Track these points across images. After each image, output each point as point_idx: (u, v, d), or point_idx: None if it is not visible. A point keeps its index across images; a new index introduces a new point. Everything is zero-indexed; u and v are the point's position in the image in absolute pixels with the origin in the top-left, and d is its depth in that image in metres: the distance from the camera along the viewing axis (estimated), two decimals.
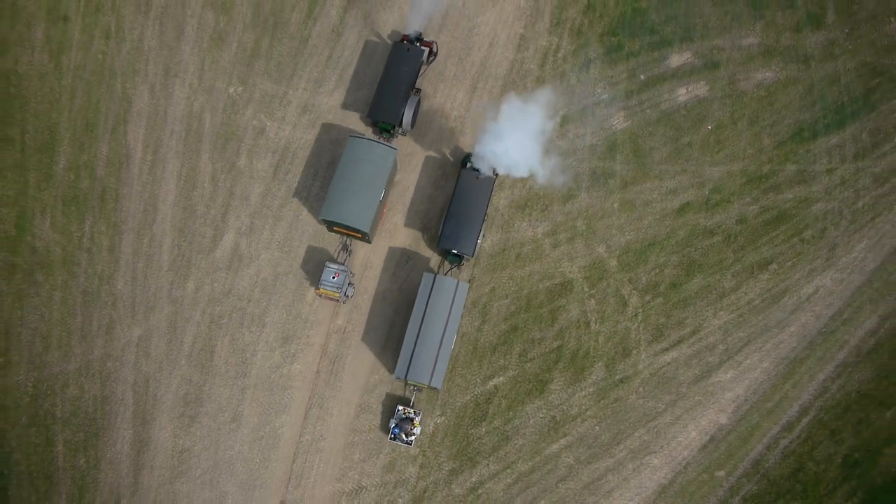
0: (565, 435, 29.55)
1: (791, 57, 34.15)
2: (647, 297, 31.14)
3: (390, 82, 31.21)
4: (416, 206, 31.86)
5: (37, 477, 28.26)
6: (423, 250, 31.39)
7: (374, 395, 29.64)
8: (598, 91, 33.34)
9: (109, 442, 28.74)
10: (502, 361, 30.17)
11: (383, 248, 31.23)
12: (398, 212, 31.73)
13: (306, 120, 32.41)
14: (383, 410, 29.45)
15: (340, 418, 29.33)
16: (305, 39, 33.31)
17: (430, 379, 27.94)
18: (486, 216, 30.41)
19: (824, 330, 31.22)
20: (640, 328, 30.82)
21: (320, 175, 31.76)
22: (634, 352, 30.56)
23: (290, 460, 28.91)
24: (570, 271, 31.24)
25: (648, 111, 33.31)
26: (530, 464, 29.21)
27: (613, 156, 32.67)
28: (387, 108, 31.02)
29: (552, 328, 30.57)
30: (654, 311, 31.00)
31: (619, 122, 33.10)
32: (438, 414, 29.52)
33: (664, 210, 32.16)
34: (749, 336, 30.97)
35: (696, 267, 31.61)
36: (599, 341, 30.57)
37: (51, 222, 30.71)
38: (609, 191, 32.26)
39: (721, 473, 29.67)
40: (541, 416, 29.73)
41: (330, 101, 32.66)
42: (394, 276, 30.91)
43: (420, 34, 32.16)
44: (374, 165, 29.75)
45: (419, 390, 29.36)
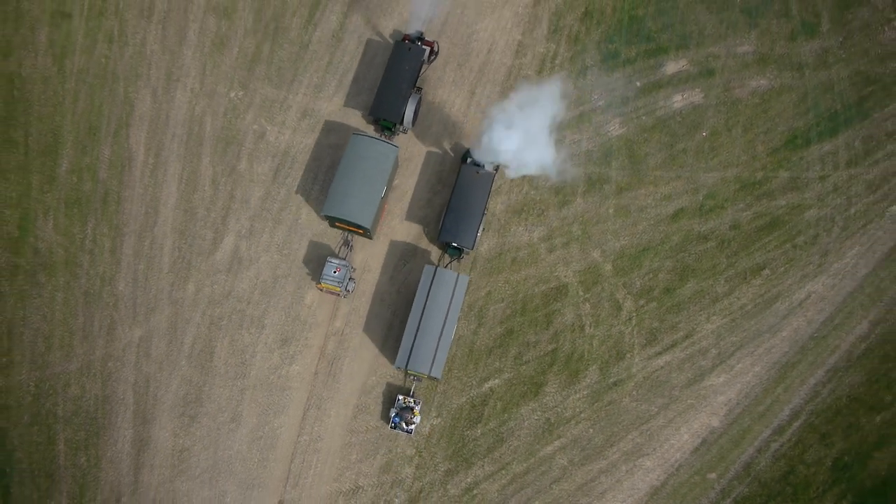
0: (559, 437, 29.97)
1: (785, 65, 34.56)
2: (641, 302, 31.55)
3: (392, 81, 31.63)
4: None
5: (39, 475, 28.68)
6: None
7: (371, 396, 30.06)
8: (595, 97, 33.76)
9: (110, 441, 29.16)
10: (498, 364, 30.59)
11: (381, 252, 31.64)
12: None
13: (306, 124, 32.81)
14: (381, 412, 29.88)
15: (338, 419, 29.76)
16: (306, 45, 33.72)
17: (430, 369, 28.46)
18: (485, 210, 30.89)
19: (816, 335, 31.65)
20: (634, 332, 31.24)
21: (319, 179, 32.17)
22: (628, 355, 30.97)
23: (288, 460, 29.32)
24: (565, 275, 31.66)
25: (644, 118, 33.72)
26: (525, 465, 29.64)
27: (609, 162, 33.08)
28: (388, 106, 31.46)
29: (547, 331, 30.98)
30: (647, 316, 31.42)
31: (615, 129, 33.51)
32: (435, 415, 29.94)
33: (659, 215, 32.57)
34: (741, 340, 31.39)
35: (689, 272, 32.03)
36: (594, 345, 30.98)
37: (53, 224, 31.11)
38: (604, 196, 32.67)
39: (713, 476, 30.10)
40: (535, 418, 30.15)
41: (330, 106, 33.06)
42: (392, 280, 31.32)
43: (421, 34, 32.57)
44: (376, 163, 30.22)
45: (419, 380, 29.83)
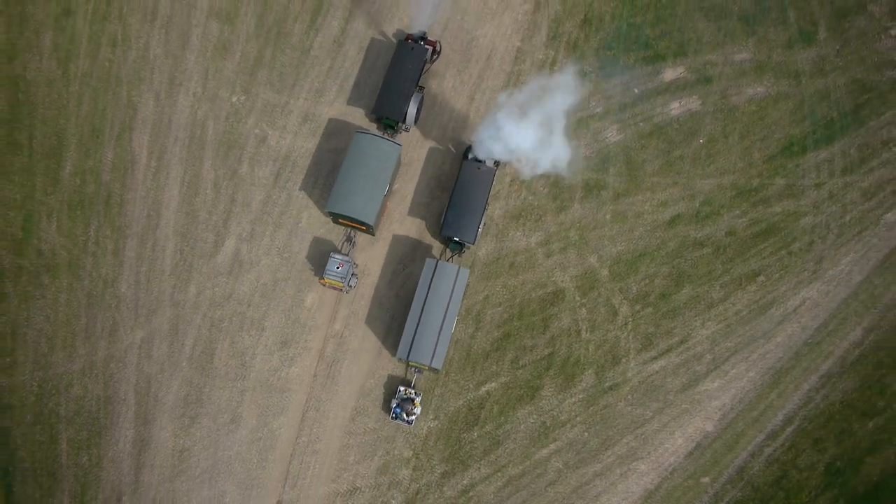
0: (555, 440, 30.32)
1: (782, 72, 34.84)
2: (637, 307, 31.88)
3: (395, 80, 31.99)
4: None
5: (41, 474, 29.08)
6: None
7: (369, 398, 30.43)
8: (593, 104, 34.06)
9: (112, 441, 29.55)
10: (495, 368, 30.94)
11: (381, 255, 31.99)
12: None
13: (307, 129, 33.17)
14: (379, 414, 30.23)
15: (336, 421, 30.13)
16: (307, 50, 34.06)
17: (431, 360, 28.94)
18: (486, 205, 31.28)
19: (810, 341, 31.96)
20: (630, 337, 31.57)
21: (320, 183, 32.52)
22: (624, 360, 31.30)
23: (286, 461, 29.70)
24: (562, 281, 31.99)
25: (641, 124, 34.02)
26: (520, 468, 29.99)
27: (606, 168, 33.40)
28: (391, 104, 31.83)
29: (544, 336, 31.33)
30: (643, 321, 31.75)
31: (612, 135, 33.83)
32: (432, 418, 30.30)
33: (655, 222, 32.89)
34: (736, 346, 31.71)
35: (685, 278, 32.35)
36: (590, 349, 31.32)
37: (57, 226, 31.50)
38: (602, 202, 33.00)
39: (706, 480, 30.43)
40: (531, 421, 30.50)
41: (330, 111, 33.41)
42: (390, 283, 31.67)
43: (424, 33, 32.93)
44: (379, 160, 30.66)
45: (420, 371, 30.25)
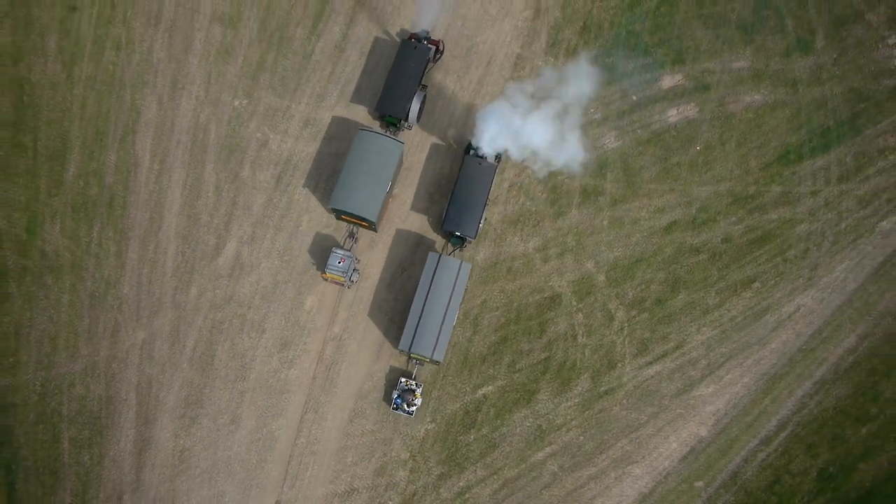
0: (550, 443, 30.65)
1: (780, 81, 35.13)
2: (633, 312, 32.20)
3: (398, 78, 32.34)
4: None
5: (43, 472, 29.47)
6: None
7: (367, 400, 30.78)
8: (591, 111, 34.37)
9: (113, 440, 29.93)
10: (491, 371, 31.28)
11: (380, 260, 32.33)
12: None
13: (308, 133, 33.51)
14: (378, 416, 30.58)
15: (334, 422, 30.49)
16: (309, 55, 34.41)
17: (433, 352, 29.38)
18: (487, 201, 31.63)
19: (804, 347, 32.26)
20: (626, 342, 31.89)
21: (321, 187, 32.87)
22: (619, 365, 31.63)
23: (285, 462, 30.07)
24: (559, 286, 32.32)
25: (639, 131, 34.33)
26: (516, 470, 30.33)
27: (604, 174, 33.71)
28: (394, 102, 32.18)
29: (540, 340, 31.66)
30: (639, 326, 32.07)
31: (610, 142, 34.14)
32: (429, 420, 30.65)
33: (652, 228, 33.20)
34: (731, 352, 32.02)
35: (681, 284, 32.65)
36: (586, 354, 31.65)
37: (60, 227, 31.88)
38: (599, 208, 33.31)
39: (700, 484, 30.75)
40: (527, 424, 30.84)
41: (331, 116, 33.75)
42: (389, 287, 32.02)
43: (427, 33, 33.31)
44: (382, 158, 31.08)
45: (421, 364, 30.65)
